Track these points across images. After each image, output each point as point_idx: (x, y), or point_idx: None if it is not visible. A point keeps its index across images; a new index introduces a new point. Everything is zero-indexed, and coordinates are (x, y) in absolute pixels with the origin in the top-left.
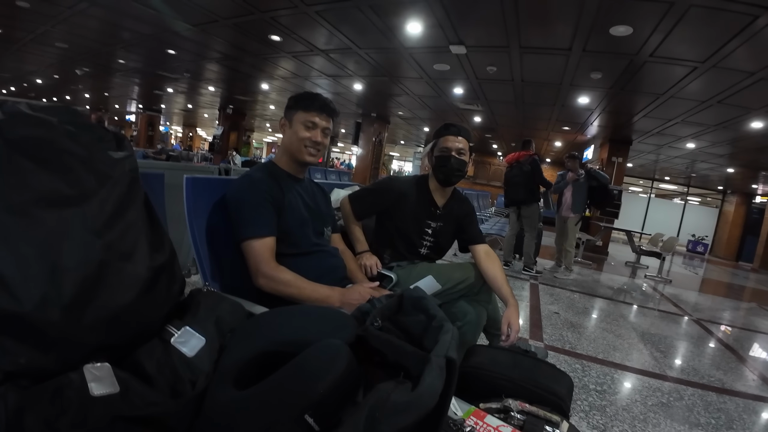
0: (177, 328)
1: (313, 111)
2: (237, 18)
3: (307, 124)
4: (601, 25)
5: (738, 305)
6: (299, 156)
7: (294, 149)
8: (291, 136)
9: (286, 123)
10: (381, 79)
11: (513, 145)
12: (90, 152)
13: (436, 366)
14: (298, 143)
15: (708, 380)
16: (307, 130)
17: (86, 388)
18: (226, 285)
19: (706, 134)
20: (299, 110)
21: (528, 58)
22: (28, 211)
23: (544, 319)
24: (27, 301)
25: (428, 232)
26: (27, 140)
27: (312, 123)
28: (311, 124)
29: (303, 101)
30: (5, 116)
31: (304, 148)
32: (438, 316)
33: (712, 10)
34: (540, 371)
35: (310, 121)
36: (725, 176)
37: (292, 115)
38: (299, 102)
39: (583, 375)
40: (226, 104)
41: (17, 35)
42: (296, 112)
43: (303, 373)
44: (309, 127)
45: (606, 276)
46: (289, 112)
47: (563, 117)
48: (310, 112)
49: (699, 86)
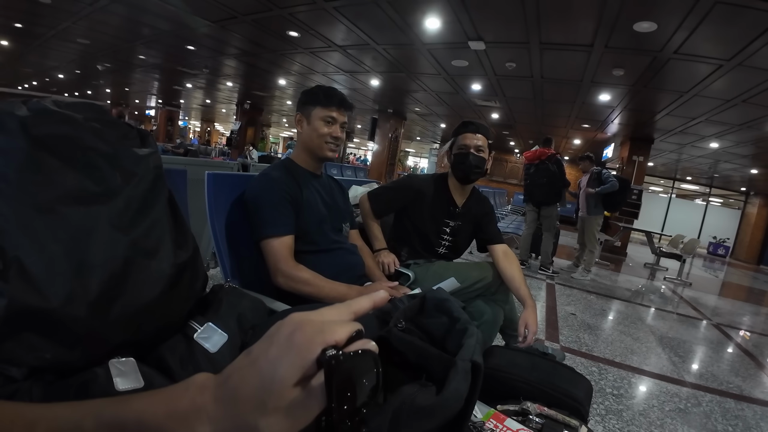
0: (200, 324)
1: (332, 106)
2: (256, 14)
3: (326, 119)
4: (625, 20)
5: (758, 310)
6: (320, 152)
7: (315, 145)
8: (310, 133)
9: (303, 119)
10: (398, 75)
11: (531, 142)
12: (115, 149)
13: (461, 370)
14: (318, 139)
15: (726, 386)
16: (327, 125)
17: (111, 382)
18: (246, 280)
19: (729, 134)
20: (317, 106)
21: (548, 54)
22: (55, 209)
23: (560, 320)
24: (54, 298)
25: (446, 231)
26: (53, 137)
27: (331, 118)
28: (331, 120)
29: (320, 97)
30: (31, 113)
31: (325, 144)
32: (462, 319)
33: (737, 8)
34: (558, 374)
35: (329, 116)
36: (748, 177)
37: (310, 111)
38: (316, 97)
39: (599, 378)
40: (243, 100)
41: (39, 31)
42: (314, 108)
43: None
44: (329, 122)
45: (624, 277)
46: (305, 108)
47: (583, 114)
48: (329, 108)
49: (723, 85)
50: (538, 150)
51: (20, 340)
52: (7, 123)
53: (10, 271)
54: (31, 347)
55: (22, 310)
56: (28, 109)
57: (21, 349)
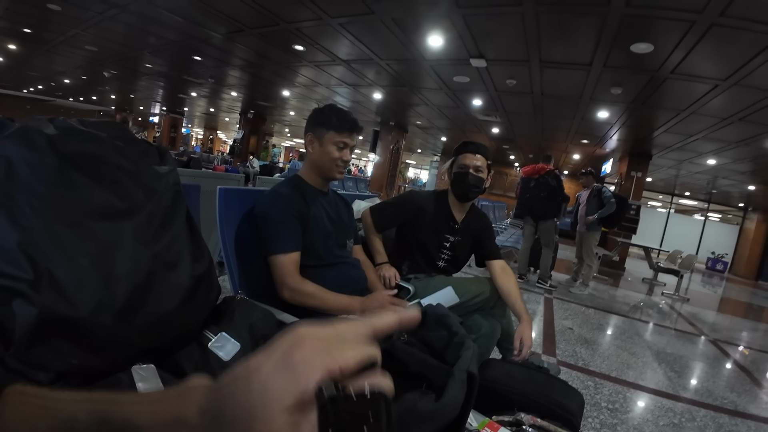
0: (214, 333)
1: (345, 132)
2: (262, 28)
3: (339, 144)
4: (622, 41)
5: (756, 326)
6: (330, 174)
7: (326, 168)
8: (322, 156)
9: (315, 140)
10: (400, 89)
11: (531, 156)
12: (137, 167)
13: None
14: (329, 163)
15: (721, 402)
16: (339, 150)
17: (134, 387)
18: (253, 292)
19: (727, 151)
20: (331, 130)
21: (548, 72)
22: (83, 223)
23: (557, 334)
24: (83, 307)
25: (446, 245)
26: (80, 155)
27: (344, 144)
28: (343, 145)
29: (334, 121)
30: (58, 131)
31: (335, 167)
32: (460, 333)
33: (733, 29)
34: (552, 387)
35: (342, 141)
36: (747, 193)
37: (323, 134)
38: (330, 121)
39: (595, 392)
40: (247, 109)
41: (47, 37)
42: (327, 131)
43: None
44: (341, 147)
45: (622, 292)
46: (318, 129)
47: (582, 130)
48: (342, 134)
49: (721, 103)
50: (538, 165)
51: (49, 346)
52: (36, 140)
53: (42, 281)
54: (59, 353)
55: (53, 318)
56: (55, 127)
57: (49, 355)
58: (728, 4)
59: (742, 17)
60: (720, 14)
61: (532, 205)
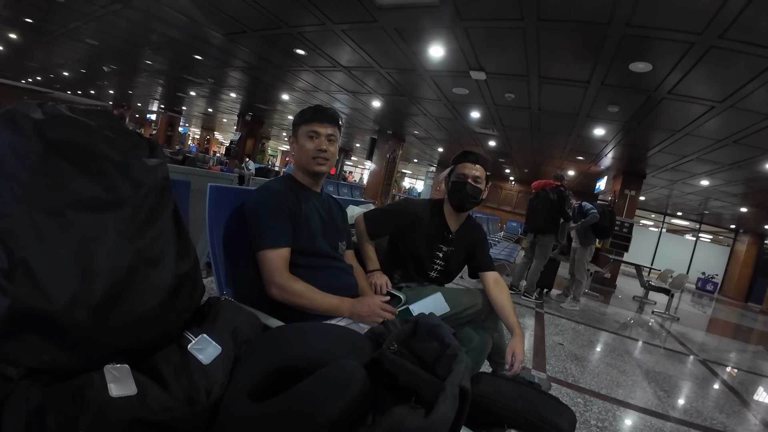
0: (194, 335)
1: (314, 121)
2: (265, 31)
3: (309, 134)
4: (621, 60)
5: (745, 347)
6: (309, 167)
7: (304, 162)
8: (299, 151)
9: (294, 140)
10: (399, 98)
11: (526, 171)
12: (126, 158)
13: (450, 394)
14: (305, 155)
15: (710, 422)
16: (311, 140)
17: (106, 388)
18: (239, 293)
19: (720, 172)
20: (301, 124)
21: (546, 88)
22: (65, 213)
23: (548, 349)
24: (57, 301)
25: (439, 255)
26: (66, 143)
27: (314, 132)
28: (314, 134)
29: (303, 115)
30: (46, 116)
31: (312, 159)
32: (452, 345)
33: (732, 52)
34: (543, 404)
35: (311, 131)
36: (738, 215)
37: (297, 130)
38: (300, 117)
39: (584, 410)
40: (245, 111)
41: (49, 28)
42: (299, 126)
43: (320, 392)
44: (312, 137)
45: (613, 309)
46: (294, 129)
47: (578, 147)
48: (310, 123)
49: (716, 125)
50: (545, 180)
51: (20, 340)
52: (22, 124)
53: (16, 271)
54: (31, 348)
55: (25, 310)
56: (43, 112)
57: (20, 350)
58: (727, 27)
59: (741, 40)
60: (719, 36)
61: (531, 218)
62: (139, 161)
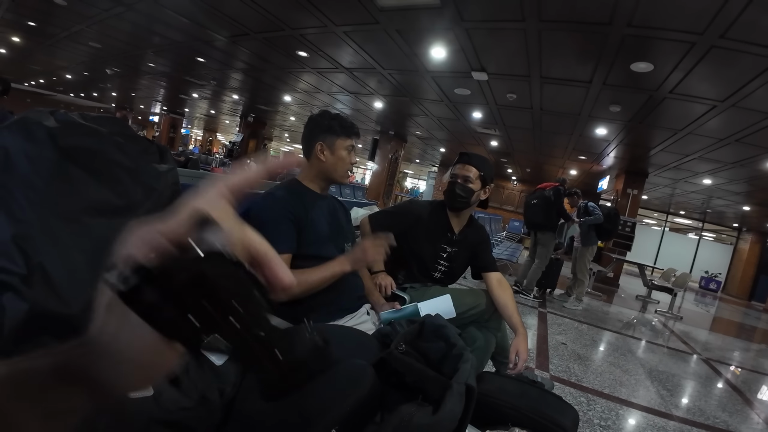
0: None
1: (353, 136)
2: (267, 33)
3: (348, 149)
4: (622, 60)
5: (748, 346)
6: (342, 180)
7: (339, 174)
8: (335, 162)
9: (325, 148)
10: (401, 98)
11: (528, 170)
12: (137, 164)
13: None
14: (342, 167)
15: (713, 421)
16: (349, 154)
17: None
18: None
19: (723, 171)
20: (340, 137)
21: (548, 88)
22: (80, 219)
23: (551, 349)
24: (74, 304)
25: (443, 256)
26: (79, 150)
27: (352, 147)
28: (351, 148)
29: (339, 128)
30: (59, 124)
31: (347, 171)
32: (458, 345)
33: (733, 52)
34: (546, 402)
35: (351, 145)
36: (741, 214)
37: (333, 141)
38: (336, 128)
39: (588, 409)
40: (247, 112)
41: (52, 31)
42: (336, 138)
43: (331, 390)
44: (350, 151)
45: (615, 309)
46: (327, 137)
47: (580, 146)
48: (350, 138)
49: (717, 124)
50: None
51: (37, 343)
52: (36, 132)
53: (34, 276)
54: None
55: (43, 314)
56: (55, 119)
57: None
58: (728, 27)
59: (742, 40)
60: (720, 36)
61: (526, 214)
62: (150, 167)
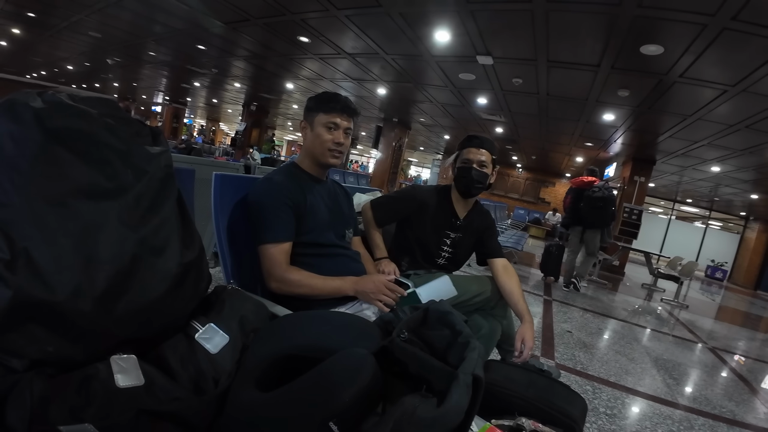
0: (201, 324)
1: (335, 112)
2: (268, 18)
3: (328, 125)
4: (632, 43)
5: (754, 335)
6: (323, 159)
7: (317, 152)
8: (313, 140)
9: (307, 125)
10: (405, 85)
11: (534, 158)
12: (128, 146)
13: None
14: (321, 146)
15: (720, 411)
16: (329, 132)
17: (112, 379)
18: (246, 282)
19: (731, 158)
20: (320, 112)
21: (555, 72)
22: (66, 202)
23: (556, 337)
24: (60, 291)
25: (447, 242)
26: (67, 131)
27: (334, 124)
28: (333, 126)
29: (323, 103)
30: (46, 105)
31: (328, 150)
32: (464, 332)
33: (744, 35)
34: (555, 392)
35: (331, 122)
36: (749, 202)
37: (313, 118)
38: (320, 104)
39: (593, 397)
40: (250, 101)
41: (52, 22)
42: (317, 114)
43: (329, 381)
44: (331, 128)
45: (621, 297)
46: (309, 114)
47: (587, 133)
48: (331, 114)
49: (728, 110)
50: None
51: (24, 331)
52: (22, 113)
53: (18, 261)
54: (35, 339)
55: (28, 301)
56: (42, 101)
57: (24, 341)
58: (741, 8)
59: (755, 22)
60: (732, 18)
61: (588, 215)
62: (142, 149)
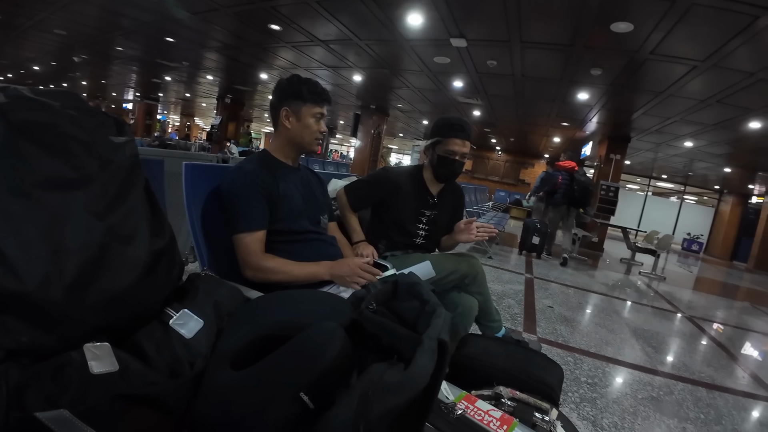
0: (176, 310)
1: (322, 103)
2: (237, 6)
3: (317, 116)
4: (603, 21)
5: (731, 304)
6: (310, 147)
7: (306, 141)
8: (301, 130)
9: (291, 114)
10: (381, 71)
11: (512, 140)
12: (92, 137)
13: (428, 347)
14: (309, 135)
15: (699, 376)
16: (317, 122)
17: (86, 366)
18: (223, 272)
19: (704, 133)
20: (308, 102)
21: (529, 53)
22: (32, 194)
23: (538, 312)
24: (30, 281)
25: (422, 220)
26: (30, 124)
27: (321, 114)
28: (320, 116)
29: (307, 93)
30: (8, 99)
31: (315, 139)
32: (431, 302)
33: (713, 9)
34: (531, 361)
35: (319, 113)
36: (722, 176)
37: (299, 108)
38: (303, 94)
39: (575, 368)
40: (224, 94)
41: (17, 21)
42: (303, 104)
43: (299, 353)
44: (318, 119)
45: (601, 272)
46: (293, 104)
47: (563, 113)
48: (319, 105)
49: (698, 85)
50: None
51: None
52: None
53: None
54: (7, 330)
55: None
56: (5, 95)
57: None
58: None
59: None
60: None
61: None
62: (106, 139)
